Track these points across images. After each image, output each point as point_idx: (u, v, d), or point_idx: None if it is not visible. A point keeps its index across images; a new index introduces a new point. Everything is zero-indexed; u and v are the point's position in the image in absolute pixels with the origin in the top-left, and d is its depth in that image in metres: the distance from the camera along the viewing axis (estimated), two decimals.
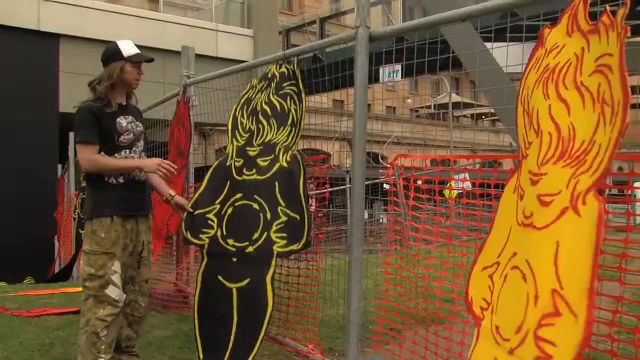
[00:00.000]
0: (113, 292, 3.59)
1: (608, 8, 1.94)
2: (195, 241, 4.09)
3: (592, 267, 1.85)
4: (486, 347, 2.33)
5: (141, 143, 3.85)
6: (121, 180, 3.67)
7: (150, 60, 3.79)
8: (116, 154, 3.66)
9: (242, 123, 4.18)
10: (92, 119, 3.58)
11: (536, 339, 1.98)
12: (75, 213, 10.57)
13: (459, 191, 3.30)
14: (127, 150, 3.71)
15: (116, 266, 3.61)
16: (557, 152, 2.05)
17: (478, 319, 2.45)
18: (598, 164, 1.90)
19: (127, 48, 3.71)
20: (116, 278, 3.61)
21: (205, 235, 4.03)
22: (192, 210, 4.09)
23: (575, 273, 1.89)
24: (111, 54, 3.71)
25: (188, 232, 4.11)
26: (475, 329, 2.47)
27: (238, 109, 4.27)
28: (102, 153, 3.62)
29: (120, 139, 3.66)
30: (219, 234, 3.96)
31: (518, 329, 2.08)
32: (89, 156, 3.59)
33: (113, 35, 15.22)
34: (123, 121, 3.69)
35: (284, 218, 3.67)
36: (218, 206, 4.03)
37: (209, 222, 4.03)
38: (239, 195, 3.94)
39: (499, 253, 2.39)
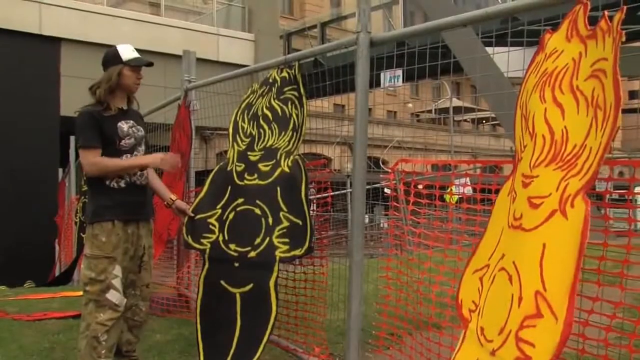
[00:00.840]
0: (114, 296, 3.59)
1: (606, 13, 1.94)
2: (197, 246, 4.09)
3: (575, 269, 1.85)
4: (471, 349, 2.33)
5: (142, 147, 3.85)
6: (122, 184, 3.68)
7: (149, 64, 3.79)
8: (117, 159, 3.67)
9: (242, 128, 4.17)
10: (93, 123, 3.59)
11: (517, 340, 1.98)
12: (77, 217, 10.57)
13: (460, 196, 3.29)
14: (128, 155, 3.72)
15: (117, 270, 3.61)
16: (550, 155, 2.06)
17: (466, 321, 2.46)
18: (588, 167, 1.91)
19: (126, 52, 3.72)
20: (117, 282, 3.61)
21: (207, 240, 4.02)
22: (193, 215, 4.09)
23: (559, 275, 1.90)
24: (110, 58, 3.72)
25: (189, 237, 4.11)
26: (462, 331, 2.47)
27: (239, 114, 4.27)
28: (103, 157, 3.63)
29: (121, 143, 3.67)
30: (220, 239, 3.96)
31: (501, 330, 2.09)
32: (92, 160, 3.60)
33: (114, 39, 15.28)
34: (124, 125, 3.70)
35: (286, 223, 3.67)
36: (219, 211, 4.03)
37: (211, 226, 4.03)
38: (240, 200, 3.94)
39: (489, 255, 2.40)
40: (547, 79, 2.16)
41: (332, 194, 4.26)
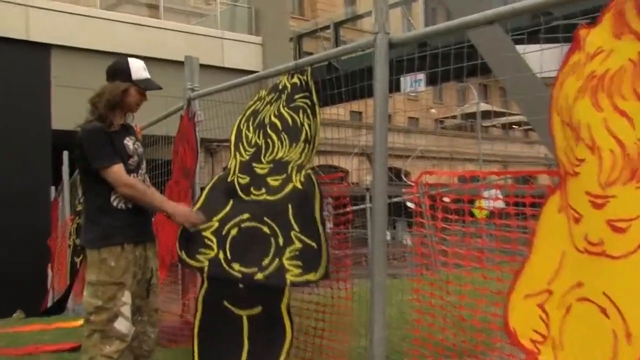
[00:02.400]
0: (122, 325, 3.60)
1: None
2: (192, 262, 4.08)
3: None
4: None
5: (144, 165, 3.90)
6: (130, 205, 3.71)
7: (159, 88, 3.84)
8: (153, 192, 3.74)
9: (247, 136, 4.18)
10: (107, 139, 3.64)
11: None
12: (71, 240, 10.56)
13: (490, 210, 3.29)
14: (134, 174, 3.76)
15: (126, 297, 3.63)
16: (626, 172, 2.02)
17: (532, 354, 2.41)
18: None
19: (138, 70, 3.77)
20: (126, 310, 3.62)
21: (204, 257, 4.02)
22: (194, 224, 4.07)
23: None
24: (119, 71, 3.77)
25: (183, 252, 4.10)
26: None
27: (243, 121, 4.29)
28: (138, 181, 3.69)
29: (128, 162, 3.72)
30: (221, 256, 3.95)
31: None
32: (126, 179, 3.64)
33: (110, 45, 15.38)
34: (129, 143, 3.76)
35: (298, 245, 3.66)
36: (216, 224, 4.02)
37: (207, 241, 4.02)
38: (246, 216, 3.94)
39: (548, 280, 2.36)
40: (599, 84, 2.10)
41: (351, 208, 4.26)
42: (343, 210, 4.10)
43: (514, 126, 42.45)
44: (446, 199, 3.39)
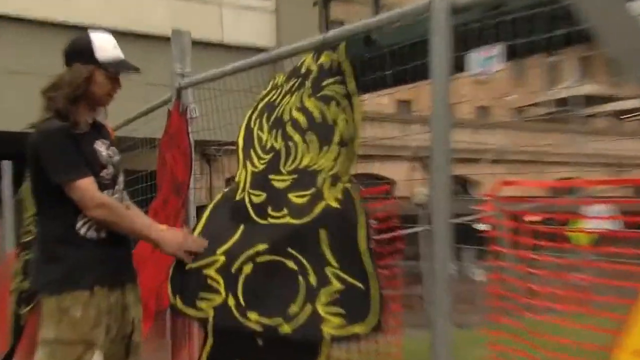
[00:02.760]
0: None
1: None
2: (191, 311, 4.06)
3: None
4: None
5: (121, 178, 3.91)
6: (103, 234, 3.72)
7: (136, 71, 3.85)
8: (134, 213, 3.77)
9: (260, 139, 4.19)
10: (72, 144, 3.65)
11: None
12: (15, 283, 10.54)
13: (598, 233, 3.28)
14: (110, 190, 3.78)
15: (97, 358, 3.64)
16: None
17: None
18: None
19: (105, 48, 3.78)
20: None
21: (208, 304, 4.00)
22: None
23: None
24: (78, 50, 3.79)
25: (177, 298, 4.09)
26: None
27: (254, 118, 4.30)
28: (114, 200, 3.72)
29: (101, 174, 3.73)
30: (231, 303, 3.93)
31: None
32: (99, 198, 3.65)
33: (68, 15, 15.39)
34: (102, 148, 3.77)
35: (337, 285, 3.61)
36: (222, 258, 4.00)
37: (210, 282, 3.99)
38: (262, 247, 3.92)
39: None
40: None
41: (401, 232, 4.25)
42: (390, 235, 4.09)
43: (628, 115, 42.15)
44: (533, 219, 3.38)
